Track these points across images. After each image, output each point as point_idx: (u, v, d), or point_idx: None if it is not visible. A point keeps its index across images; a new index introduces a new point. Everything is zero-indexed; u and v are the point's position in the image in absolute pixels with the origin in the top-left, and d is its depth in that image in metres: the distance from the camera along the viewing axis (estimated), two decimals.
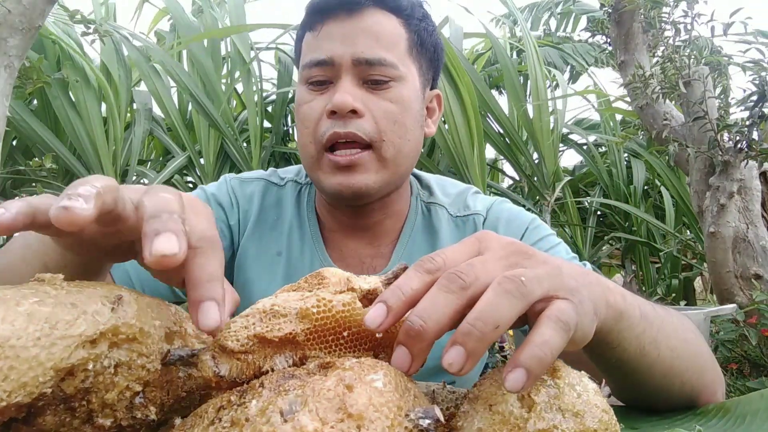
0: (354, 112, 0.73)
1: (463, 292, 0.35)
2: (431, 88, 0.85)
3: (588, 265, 0.78)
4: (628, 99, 3.18)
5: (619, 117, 4.12)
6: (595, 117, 4.46)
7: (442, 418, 0.30)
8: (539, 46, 3.80)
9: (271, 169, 0.94)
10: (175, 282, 0.36)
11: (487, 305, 0.34)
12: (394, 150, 0.75)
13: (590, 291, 0.41)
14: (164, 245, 0.31)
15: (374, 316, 0.35)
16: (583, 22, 5.00)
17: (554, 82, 3.99)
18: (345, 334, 0.37)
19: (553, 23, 5.34)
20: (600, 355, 0.48)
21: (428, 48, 0.81)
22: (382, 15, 0.76)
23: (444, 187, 0.92)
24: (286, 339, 0.35)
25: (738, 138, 2.21)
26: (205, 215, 0.38)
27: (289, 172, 0.93)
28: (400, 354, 0.35)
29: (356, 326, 0.37)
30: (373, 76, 0.74)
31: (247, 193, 0.88)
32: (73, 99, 3.08)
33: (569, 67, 4.61)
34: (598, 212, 4.03)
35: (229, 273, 0.87)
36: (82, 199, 0.30)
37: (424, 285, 0.36)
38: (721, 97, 2.54)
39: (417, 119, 0.79)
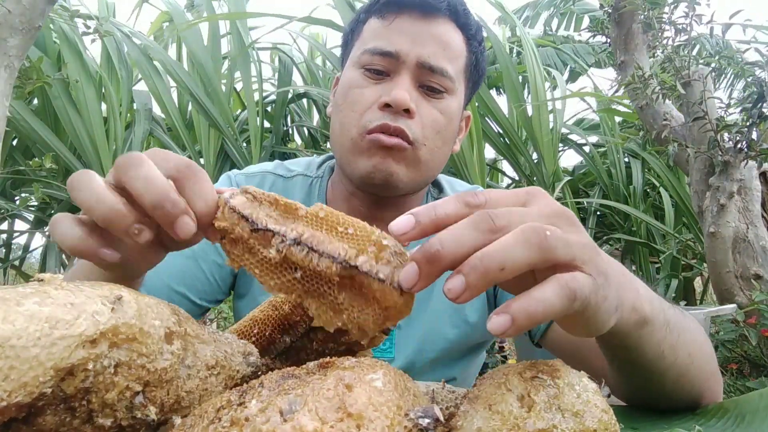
0: (407, 111, 0.73)
1: (490, 234, 0.34)
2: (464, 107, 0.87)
3: None
4: (626, 101, 3.19)
5: (619, 117, 4.12)
6: (595, 117, 4.46)
7: (441, 418, 0.30)
8: (538, 47, 3.80)
9: (277, 161, 0.93)
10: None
11: (500, 245, 0.33)
12: (430, 156, 0.77)
13: (620, 286, 0.40)
14: (185, 230, 0.37)
15: (401, 224, 0.36)
16: (586, 21, 5.00)
17: (553, 84, 3.99)
18: (350, 230, 0.37)
19: (554, 22, 5.34)
20: (616, 354, 0.49)
21: (478, 71, 0.84)
22: (451, 27, 0.77)
23: (453, 185, 0.93)
24: (289, 206, 0.38)
25: (738, 138, 2.21)
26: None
27: (299, 164, 0.92)
28: (410, 270, 0.34)
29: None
30: (431, 83, 0.76)
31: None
32: (74, 99, 3.08)
33: (568, 67, 4.61)
34: (598, 213, 4.03)
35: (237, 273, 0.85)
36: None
37: (458, 215, 0.36)
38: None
39: (453, 135, 0.82)
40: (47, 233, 3.56)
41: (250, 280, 0.84)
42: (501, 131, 3.43)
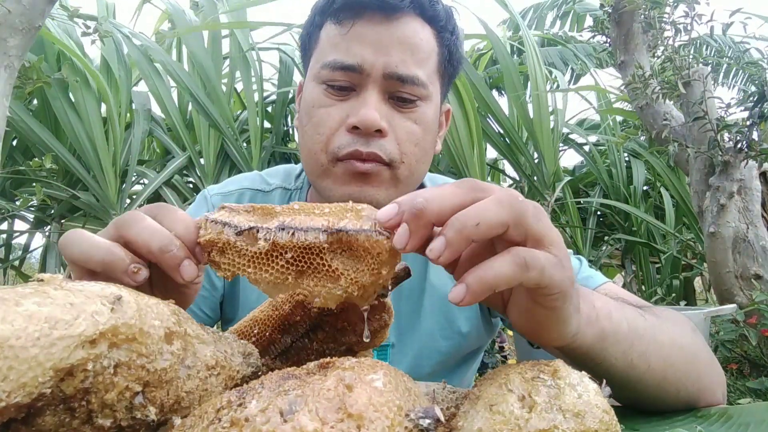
0: (378, 132, 0.68)
1: (473, 192, 0.37)
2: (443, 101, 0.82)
3: (584, 261, 0.77)
4: (628, 99, 3.18)
5: (619, 117, 4.12)
6: (596, 118, 4.46)
7: (442, 418, 0.30)
8: (543, 45, 3.80)
9: (254, 174, 0.89)
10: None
11: (476, 206, 0.36)
12: (409, 172, 0.72)
13: (577, 293, 0.43)
14: (189, 271, 0.40)
15: (385, 212, 0.37)
16: (589, 21, 5.00)
17: (555, 83, 3.99)
18: (326, 210, 0.40)
19: (556, 25, 5.34)
20: (585, 368, 0.49)
21: (453, 64, 0.77)
22: (418, 24, 0.70)
23: (435, 181, 0.89)
24: (265, 209, 0.41)
25: (738, 138, 2.21)
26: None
27: (276, 175, 0.88)
28: (401, 230, 0.37)
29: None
30: (401, 94, 0.69)
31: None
32: (73, 99, 3.08)
33: (569, 68, 4.61)
34: (598, 212, 4.03)
35: (232, 292, 0.82)
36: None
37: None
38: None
39: (433, 140, 0.76)
40: (47, 233, 3.56)
41: (235, 305, 0.82)
42: (501, 131, 3.43)
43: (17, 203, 3.37)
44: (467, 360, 0.86)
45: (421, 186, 0.87)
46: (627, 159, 3.96)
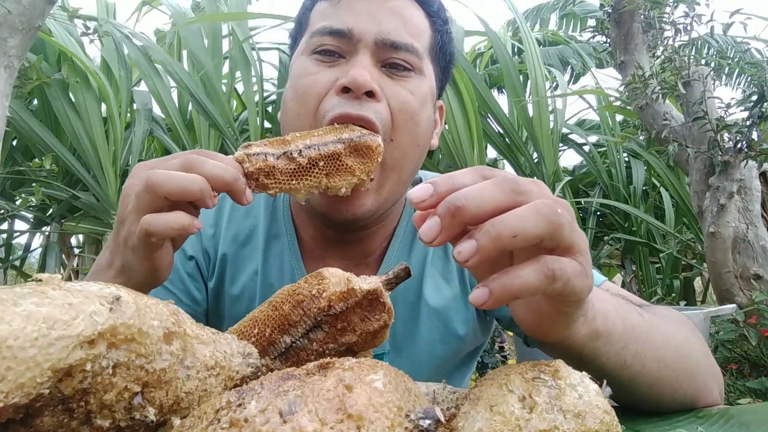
0: (371, 95, 0.62)
1: (514, 195, 0.36)
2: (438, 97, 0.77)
3: None
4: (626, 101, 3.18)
5: (619, 117, 4.12)
6: (596, 119, 4.46)
7: (442, 419, 0.30)
8: (540, 45, 3.80)
9: None
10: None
11: (514, 214, 0.35)
12: (401, 153, 0.65)
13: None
14: (249, 195, 0.53)
15: (419, 191, 0.37)
16: (590, 23, 4.99)
17: (554, 83, 3.99)
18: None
19: (554, 22, 5.33)
20: (577, 365, 0.49)
21: (446, 55, 0.73)
22: (410, 2, 0.68)
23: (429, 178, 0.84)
24: (282, 140, 0.57)
25: (738, 138, 2.21)
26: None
27: None
28: (431, 223, 0.35)
29: None
30: (395, 60, 0.65)
31: (213, 209, 0.78)
32: (73, 99, 3.08)
33: (569, 67, 4.61)
34: (598, 212, 4.03)
35: (217, 291, 0.78)
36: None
37: (475, 184, 0.37)
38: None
39: (429, 124, 0.70)
40: (47, 233, 3.56)
41: (221, 318, 0.77)
42: (501, 131, 3.44)
43: (17, 203, 3.37)
44: (465, 362, 0.85)
45: (418, 182, 0.82)
46: (627, 159, 3.96)
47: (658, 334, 0.53)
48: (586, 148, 4.01)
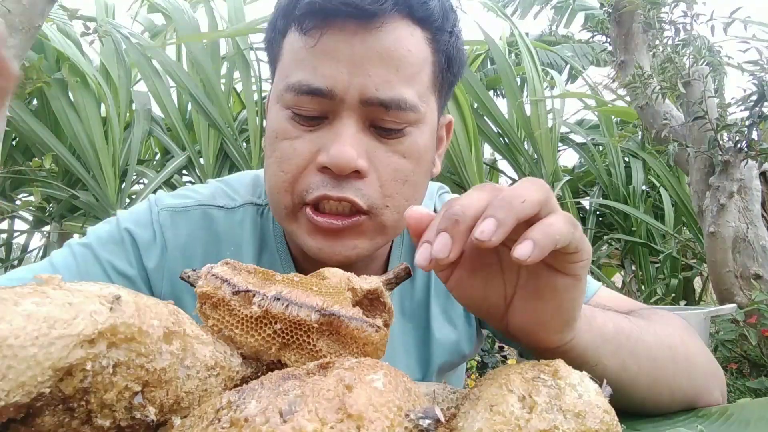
0: (356, 172, 0.55)
1: (498, 192, 0.38)
2: (442, 112, 0.69)
3: None
4: (625, 99, 3.18)
5: (616, 117, 4.12)
6: (595, 118, 4.46)
7: (442, 418, 0.30)
8: (537, 48, 3.80)
9: (214, 185, 0.73)
10: None
11: (513, 188, 0.38)
12: (398, 216, 0.59)
13: None
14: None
15: (417, 215, 0.41)
16: (580, 18, 4.97)
17: (551, 84, 3.99)
18: (323, 289, 0.42)
19: (545, 17, 5.29)
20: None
21: (454, 70, 0.63)
22: (405, 29, 0.56)
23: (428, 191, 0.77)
24: (266, 273, 0.42)
25: (738, 138, 2.21)
26: None
27: (242, 187, 0.72)
28: (442, 239, 0.37)
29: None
30: (385, 123, 0.56)
31: (183, 228, 0.67)
32: (73, 100, 3.08)
33: (568, 66, 4.61)
34: (598, 212, 4.03)
35: None
36: None
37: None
38: (717, 96, 2.54)
39: (428, 169, 0.64)
40: (47, 233, 3.56)
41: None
42: (500, 131, 3.44)
43: (17, 204, 3.37)
44: (458, 368, 0.85)
45: None
46: (626, 159, 3.96)
47: (648, 335, 0.53)
48: (585, 147, 4.01)
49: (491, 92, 4.08)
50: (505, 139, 3.46)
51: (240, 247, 0.68)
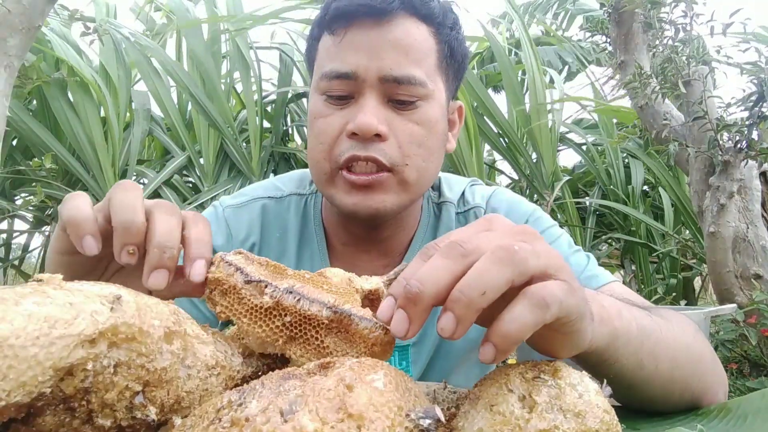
0: (377, 136, 0.68)
1: (463, 259, 0.35)
2: (453, 98, 0.81)
3: (592, 258, 0.77)
4: (625, 100, 3.18)
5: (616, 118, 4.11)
6: (594, 116, 4.46)
7: (442, 418, 0.30)
8: (536, 45, 3.80)
9: (267, 181, 0.89)
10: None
11: (476, 272, 0.34)
12: (417, 174, 0.71)
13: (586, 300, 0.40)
14: (155, 281, 0.42)
15: (384, 309, 0.37)
16: (578, 21, 4.97)
17: (550, 84, 3.98)
18: (333, 289, 0.42)
19: (549, 21, 5.29)
20: (597, 371, 0.48)
21: (457, 59, 0.76)
22: (411, 23, 0.70)
23: (450, 183, 0.89)
24: (278, 267, 0.44)
25: (738, 138, 2.21)
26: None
27: (290, 181, 0.88)
28: (399, 317, 0.35)
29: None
30: (399, 96, 0.69)
31: (244, 220, 0.83)
32: (72, 100, 3.08)
33: (566, 67, 4.61)
34: (597, 212, 4.03)
35: None
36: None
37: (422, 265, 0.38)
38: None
39: (441, 139, 0.75)
40: (47, 233, 3.56)
41: None
42: (500, 131, 3.44)
43: (18, 204, 3.37)
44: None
45: (437, 188, 0.88)
46: (625, 158, 3.96)
47: (668, 334, 0.53)
48: (584, 148, 4.01)
49: (490, 90, 4.08)
50: (505, 139, 3.46)
51: (286, 230, 0.83)
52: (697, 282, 3.89)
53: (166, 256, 0.42)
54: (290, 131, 4.08)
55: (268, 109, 3.86)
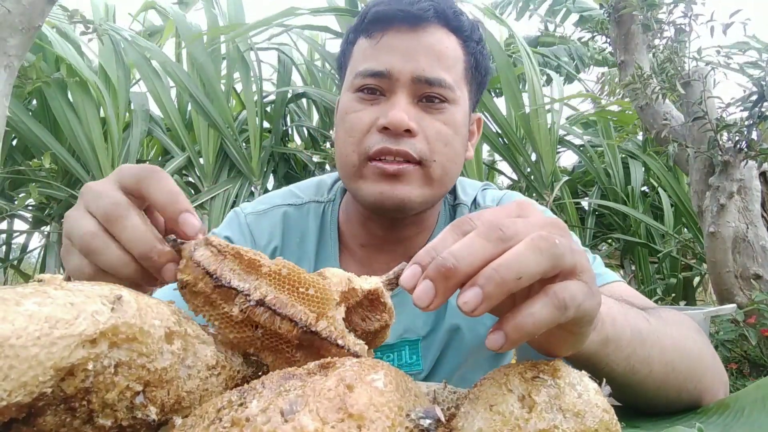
0: (408, 132, 0.70)
1: (501, 243, 0.35)
2: (473, 110, 0.84)
3: (598, 258, 0.78)
4: (621, 100, 3.18)
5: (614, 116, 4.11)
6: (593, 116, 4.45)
7: (443, 418, 0.30)
8: (533, 46, 3.80)
9: (284, 189, 0.92)
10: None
11: (515, 255, 0.34)
12: (442, 171, 0.73)
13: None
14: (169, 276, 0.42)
15: (408, 276, 0.36)
16: (573, 18, 4.95)
17: (549, 84, 3.98)
18: (310, 291, 0.39)
19: (538, 17, 5.25)
20: (587, 371, 0.48)
21: (481, 72, 0.80)
22: (443, 33, 0.73)
23: (464, 187, 0.91)
24: (252, 262, 0.39)
25: (737, 138, 2.21)
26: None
27: (308, 188, 0.91)
28: (426, 288, 0.34)
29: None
30: (430, 95, 0.72)
31: (266, 226, 0.86)
32: (71, 100, 3.08)
33: (567, 67, 4.60)
34: (597, 212, 4.02)
35: None
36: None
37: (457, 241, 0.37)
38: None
39: (464, 143, 0.78)
40: (46, 233, 3.56)
41: None
42: (499, 131, 3.44)
43: (16, 203, 3.37)
44: (498, 355, 0.86)
45: (453, 191, 0.90)
46: (624, 158, 3.95)
47: (666, 338, 0.53)
48: (583, 148, 4.01)
49: (489, 93, 4.07)
50: (504, 139, 3.46)
51: (305, 235, 0.85)
52: (697, 282, 3.89)
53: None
54: (290, 131, 4.08)
55: (268, 109, 3.86)
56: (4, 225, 3.74)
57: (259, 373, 0.40)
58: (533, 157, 3.52)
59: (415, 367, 0.80)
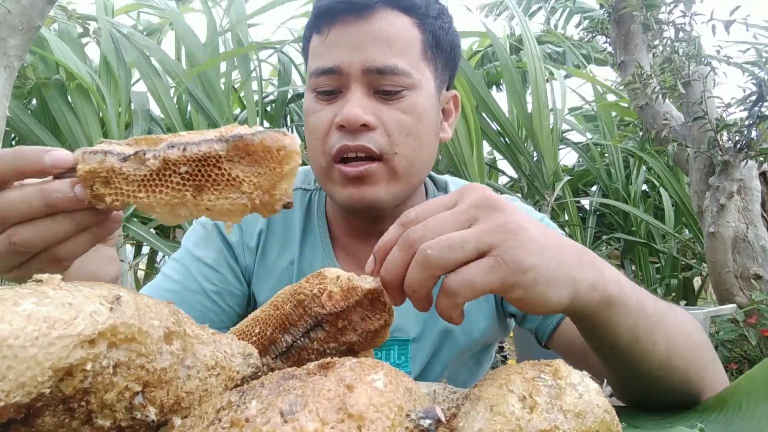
0: (365, 126, 0.69)
1: (410, 249, 0.44)
2: (448, 88, 0.81)
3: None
4: (623, 94, 3.18)
5: (616, 112, 4.11)
6: (593, 112, 4.45)
7: (443, 418, 0.30)
8: (540, 44, 3.79)
9: None
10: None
11: (409, 273, 0.43)
12: (407, 163, 0.72)
13: (567, 264, 0.44)
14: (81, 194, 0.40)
15: (369, 269, 0.47)
16: (575, 20, 4.95)
17: (551, 79, 3.97)
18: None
19: (541, 16, 5.26)
20: (592, 337, 0.51)
21: (444, 48, 0.76)
22: (393, 16, 0.71)
23: (456, 186, 0.89)
24: (139, 141, 0.39)
25: (737, 138, 2.21)
26: None
27: (296, 177, 0.90)
28: (393, 256, 0.45)
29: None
30: (384, 86, 0.70)
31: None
32: (71, 100, 3.08)
33: (567, 64, 4.60)
34: (598, 212, 4.02)
35: (247, 294, 0.85)
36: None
37: (398, 236, 0.46)
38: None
39: (432, 127, 0.76)
40: None
41: (252, 305, 0.84)
42: (500, 130, 3.43)
43: None
44: (481, 353, 0.88)
45: (444, 189, 0.89)
46: (625, 158, 3.95)
47: (670, 321, 0.53)
48: (584, 147, 4.00)
49: (493, 88, 4.07)
50: (506, 138, 3.45)
51: (290, 222, 0.85)
52: (697, 282, 3.89)
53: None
54: (290, 131, 4.08)
55: (268, 109, 3.86)
56: None
57: (259, 374, 0.40)
58: (534, 156, 3.52)
59: (402, 368, 0.79)
